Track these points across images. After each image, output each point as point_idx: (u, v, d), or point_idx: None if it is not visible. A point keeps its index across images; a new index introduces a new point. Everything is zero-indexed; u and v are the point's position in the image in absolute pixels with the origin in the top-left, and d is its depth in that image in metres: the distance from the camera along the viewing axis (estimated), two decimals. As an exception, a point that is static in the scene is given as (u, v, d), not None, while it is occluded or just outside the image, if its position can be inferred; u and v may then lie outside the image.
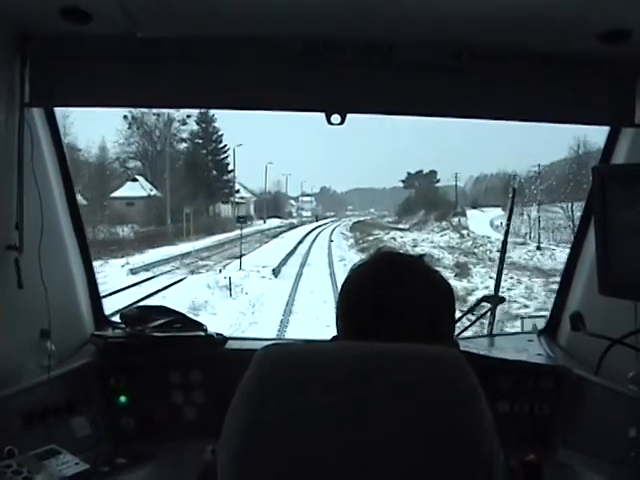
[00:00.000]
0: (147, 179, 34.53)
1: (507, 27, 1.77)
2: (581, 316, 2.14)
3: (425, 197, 44.37)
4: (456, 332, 2.62)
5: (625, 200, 1.82)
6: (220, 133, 38.43)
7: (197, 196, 34.48)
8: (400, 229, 38.83)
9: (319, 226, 44.70)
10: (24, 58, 1.90)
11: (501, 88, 1.99)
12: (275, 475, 0.87)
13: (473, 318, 2.68)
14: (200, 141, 38.09)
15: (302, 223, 47.71)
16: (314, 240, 33.54)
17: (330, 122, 1.98)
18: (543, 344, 2.42)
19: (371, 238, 33.03)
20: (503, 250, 2.76)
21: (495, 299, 2.63)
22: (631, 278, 1.81)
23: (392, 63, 1.92)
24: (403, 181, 51.15)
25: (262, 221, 42.27)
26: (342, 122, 1.99)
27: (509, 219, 3.00)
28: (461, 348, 2.15)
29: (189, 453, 1.67)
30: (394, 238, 32.38)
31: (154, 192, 33.61)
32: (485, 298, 2.65)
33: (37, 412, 1.85)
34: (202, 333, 2.28)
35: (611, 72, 1.95)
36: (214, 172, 38.15)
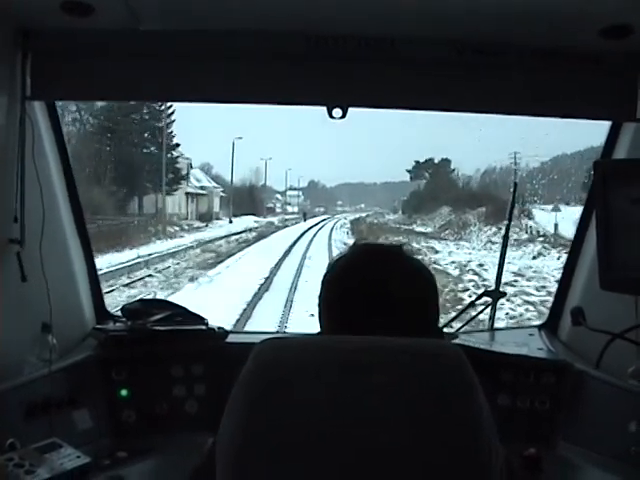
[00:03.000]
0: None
1: (509, 22, 1.77)
2: (582, 311, 2.15)
3: (444, 190, 34.39)
4: (457, 326, 2.66)
5: (626, 195, 1.82)
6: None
7: (102, 182, 23.90)
8: (421, 233, 27.57)
9: (309, 229, 31.14)
10: (25, 51, 1.89)
11: (503, 83, 1.99)
12: (273, 468, 0.87)
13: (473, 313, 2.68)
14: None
15: (285, 223, 35.78)
16: (297, 276, 14.49)
17: (331, 116, 1.98)
18: (544, 338, 2.43)
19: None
20: (504, 245, 2.76)
21: (496, 293, 2.63)
22: (632, 272, 1.81)
23: (395, 57, 1.91)
24: (409, 171, 40.80)
25: (228, 220, 31.60)
26: (344, 116, 1.99)
27: (510, 215, 3.00)
28: (462, 342, 2.16)
29: (191, 446, 1.67)
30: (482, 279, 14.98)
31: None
32: (486, 292, 2.65)
33: (38, 405, 1.84)
34: (203, 327, 2.28)
35: (613, 67, 1.94)
36: (152, 148, 26.55)
